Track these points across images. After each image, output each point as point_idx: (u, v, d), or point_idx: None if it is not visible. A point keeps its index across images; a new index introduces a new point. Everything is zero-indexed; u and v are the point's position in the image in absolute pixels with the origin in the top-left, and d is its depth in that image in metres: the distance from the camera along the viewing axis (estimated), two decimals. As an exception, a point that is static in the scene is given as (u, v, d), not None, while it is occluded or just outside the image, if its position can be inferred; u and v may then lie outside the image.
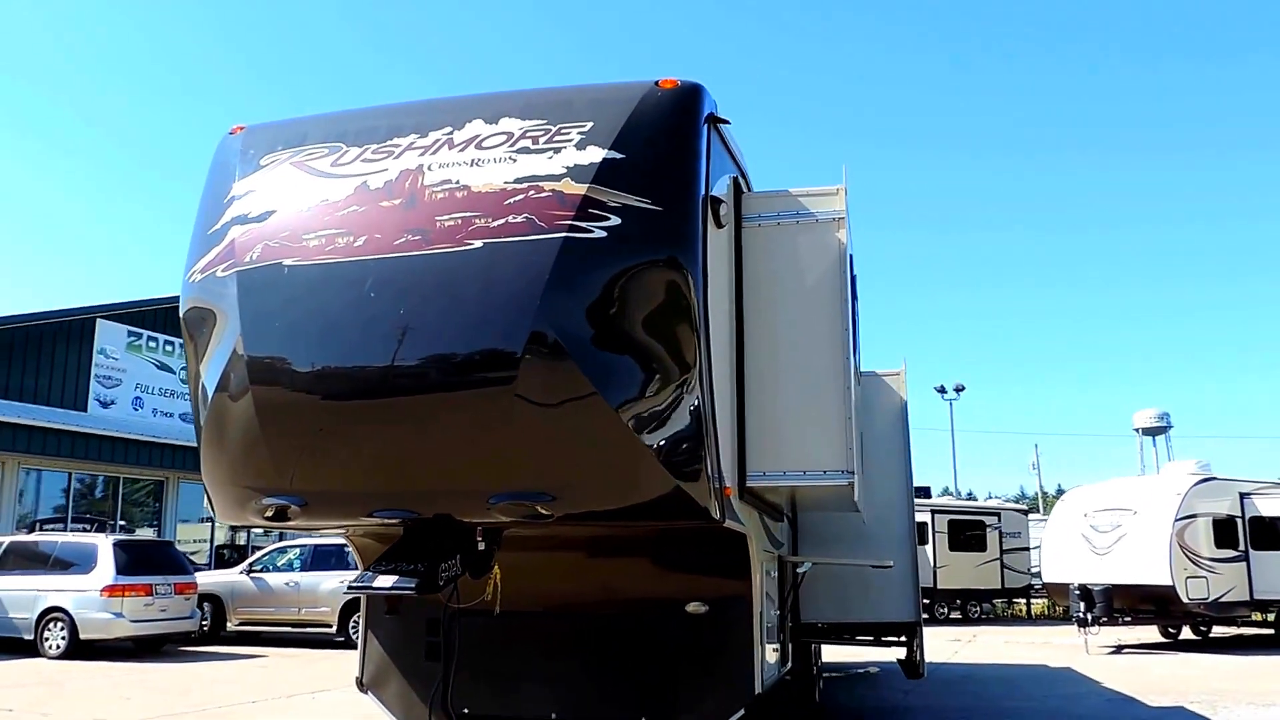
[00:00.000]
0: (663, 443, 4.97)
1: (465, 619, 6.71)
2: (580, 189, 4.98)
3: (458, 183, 5.22)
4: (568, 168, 5.06)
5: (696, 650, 6.31)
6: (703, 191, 5.17)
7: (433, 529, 5.42)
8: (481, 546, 5.58)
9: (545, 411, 4.92)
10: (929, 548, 25.68)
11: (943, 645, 19.70)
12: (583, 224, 4.91)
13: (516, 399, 4.86)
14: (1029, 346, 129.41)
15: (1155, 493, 18.96)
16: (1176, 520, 18.11)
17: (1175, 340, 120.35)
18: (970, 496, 78.45)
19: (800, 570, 7.92)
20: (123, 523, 23.57)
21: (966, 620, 26.60)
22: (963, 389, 42.70)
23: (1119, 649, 18.74)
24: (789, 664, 8.07)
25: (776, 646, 7.19)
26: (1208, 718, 10.60)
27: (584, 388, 4.85)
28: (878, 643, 9.59)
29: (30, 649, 15.61)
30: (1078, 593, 18.06)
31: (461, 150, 5.32)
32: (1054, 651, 18.20)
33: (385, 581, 5.18)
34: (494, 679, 6.67)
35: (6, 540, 17.37)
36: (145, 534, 23.81)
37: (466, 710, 6.64)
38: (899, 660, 9.86)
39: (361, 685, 7.01)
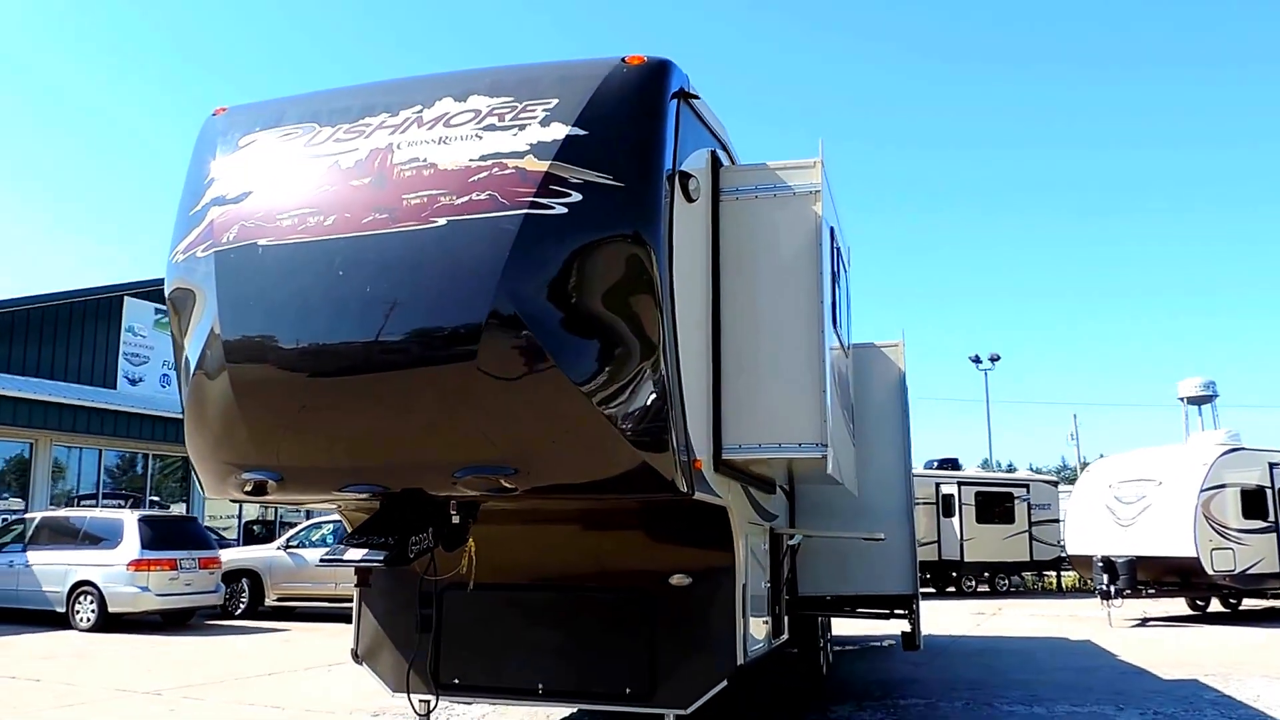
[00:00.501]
0: (626, 416, 5.00)
1: (454, 592, 6.80)
2: (543, 166, 5.01)
3: (424, 161, 5.26)
4: (531, 145, 5.08)
5: (680, 622, 6.35)
6: (669, 167, 5.17)
7: (407, 503, 5.51)
8: (456, 520, 5.65)
9: (507, 386, 4.97)
10: (955, 520, 25.57)
11: (965, 618, 19.68)
12: (544, 200, 4.94)
13: (478, 374, 4.93)
14: (1071, 314, 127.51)
15: (1181, 463, 18.73)
16: (1202, 491, 17.90)
17: (1222, 307, 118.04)
18: (1010, 468, 77.91)
19: (790, 543, 7.92)
20: (155, 499, 24.03)
21: (994, 593, 26.51)
22: (998, 359, 42.36)
23: (1144, 622, 18.62)
24: (784, 636, 8.09)
25: (766, 619, 7.21)
26: (1219, 689, 10.53)
27: (544, 362, 4.90)
28: (877, 615, 9.61)
29: (63, 621, 16.00)
30: (1101, 565, 17.94)
31: (430, 129, 5.36)
32: (1078, 625, 18.11)
33: (355, 554, 5.28)
34: (483, 651, 6.75)
35: (39, 516, 17.78)
36: (178, 510, 24.27)
37: (457, 681, 6.75)
38: (902, 633, 9.86)
39: (356, 657, 7.13)
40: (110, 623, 15.71)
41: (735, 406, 5.89)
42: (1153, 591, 18.64)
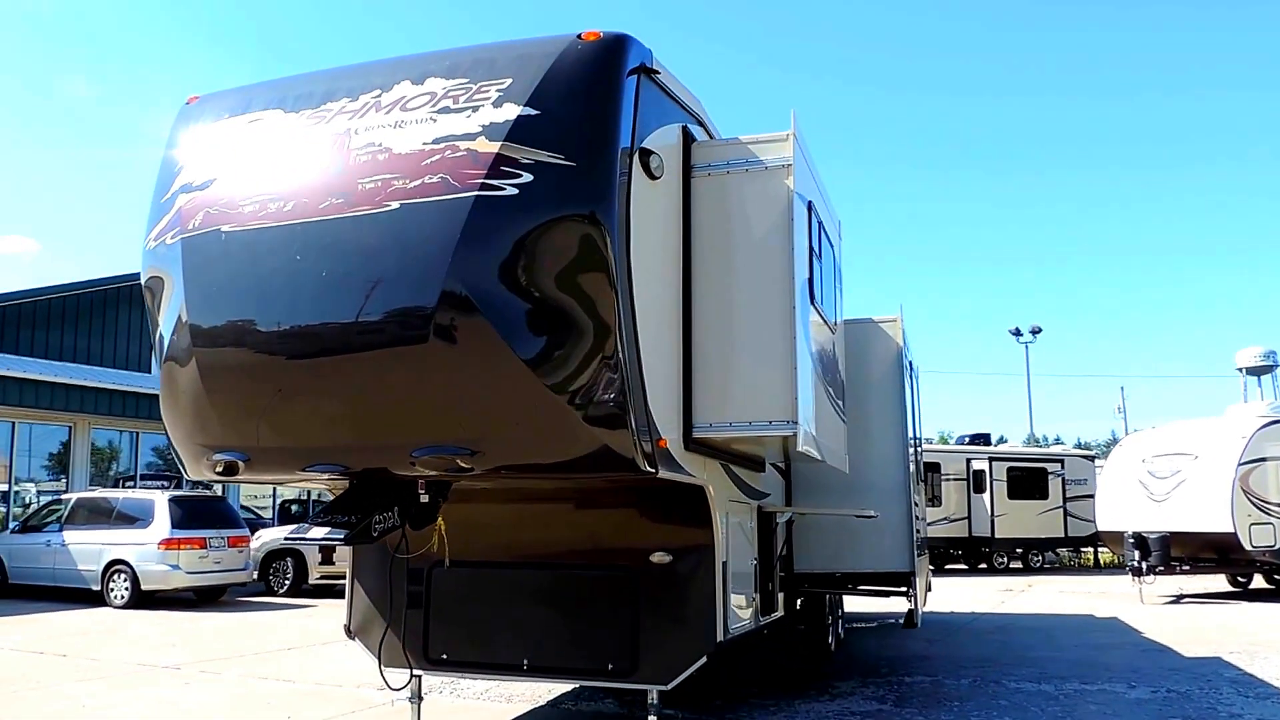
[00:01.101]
0: (580, 397, 4.99)
1: (442, 569, 6.89)
2: (494, 147, 5.00)
3: (380, 145, 5.28)
4: (484, 126, 5.07)
5: (661, 600, 6.37)
6: (625, 144, 5.12)
7: (375, 482, 5.57)
8: (425, 499, 5.70)
9: (460, 367, 4.99)
10: (986, 496, 25.32)
11: (993, 595, 19.52)
12: (495, 182, 4.93)
13: (431, 356, 4.96)
14: (1119, 284, 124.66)
15: (1218, 436, 18.33)
16: (1240, 464, 17.54)
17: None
18: (1058, 443, 76.82)
19: (780, 520, 7.89)
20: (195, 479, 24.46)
21: (1028, 570, 26.25)
22: (1039, 331, 41.70)
23: (1178, 599, 18.33)
24: (777, 613, 8.09)
25: (754, 596, 7.20)
26: (1241, 668, 10.36)
27: (496, 344, 4.90)
28: (875, 593, 9.56)
29: (98, 599, 16.41)
30: (1132, 541, 17.65)
31: (387, 113, 5.37)
32: (1109, 601, 17.88)
33: (318, 532, 5.37)
34: (470, 627, 6.82)
35: (75, 496, 18.22)
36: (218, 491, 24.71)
37: (445, 656, 6.83)
38: (909, 611, 9.80)
39: (349, 632, 7.23)
40: (143, 600, 16.08)
41: (707, 385, 5.86)
42: (1187, 568, 18.31)
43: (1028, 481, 26.19)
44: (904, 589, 8.96)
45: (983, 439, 27.81)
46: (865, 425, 8.81)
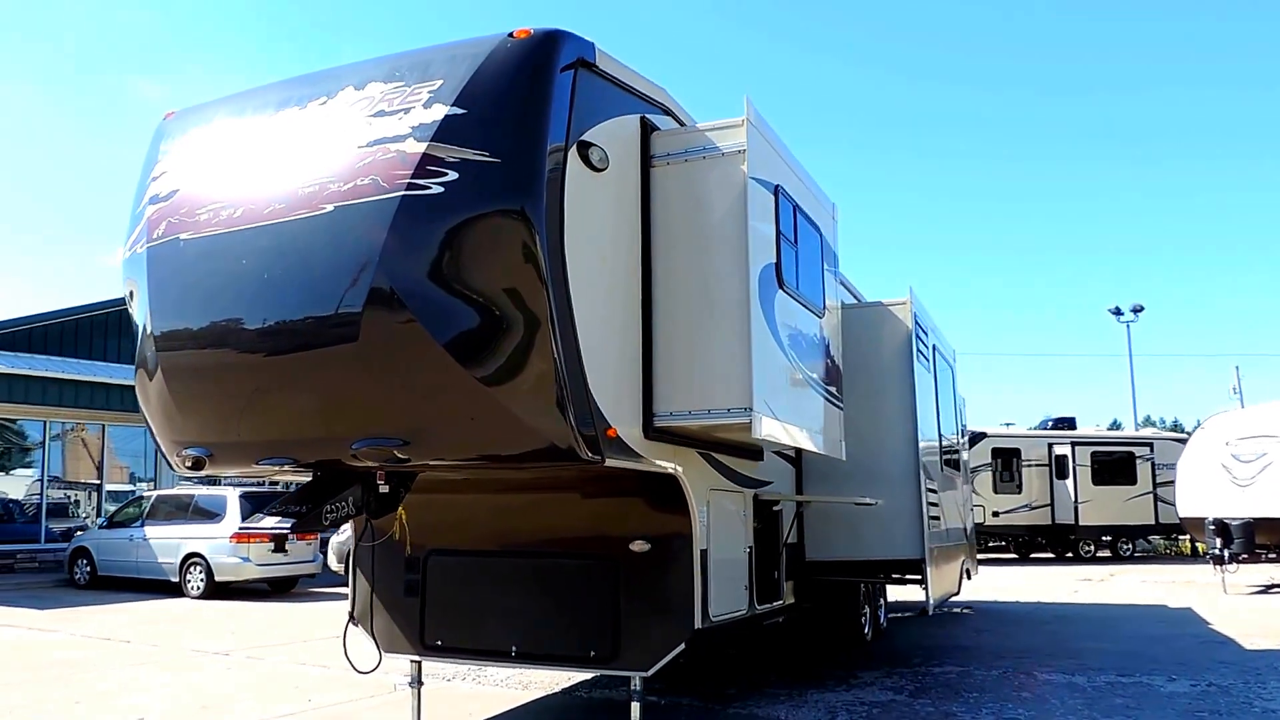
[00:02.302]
0: (511, 390, 5.03)
1: (437, 558, 7.05)
2: (420, 147, 5.06)
3: (319, 150, 5.41)
4: (413, 127, 5.15)
5: (640, 587, 6.40)
6: (558, 139, 5.13)
7: (336, 473, 5.73)
8: (385, 489, 5.83)
9: (392, 364, 5.09)
10: (1069, 482, 24.55)
11: (1069, 584, 19.03)
12: (421, 182, 4.99)
13: (363, 353, 5.06)
14: (1226, 261, 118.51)
15: (1307, 417, 17.44)
16: (1331, 447, 16.64)
17: None
18: (1175, 426, 73.84)
19: (776, 509, 7.81)
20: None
21: (1116, 558, 25.38)
22: (1141, 310, 40.15)
23: (1266, 589, 17.55)
24: (782, 600, 8.02)
25: (745, 583, 7.15)
26: (1303, 661, 9.90)
27: (424, 339, 4.98)
28: (889, 580, 9.42)
29: (176, 590, 17.15)
30: (1213, 528, 16.92)
31: (329, 118, 5.49)
32: (1190, 591, 17.25)
33: (270, 521, 5.54)
34: (462, 615, 6.93)
35: (155, 493, 19.14)
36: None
37: (440, 643, 6.97)
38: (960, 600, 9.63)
39: (353, 619, 7.43)
40: (218, 590, 16.74)
41: (667, 374, 5.84)
42: (1273, 556, 17.49)
43: (1113, 467, 25.32)
44: (915, 576, 8.77)
45: (1067, 423, 26.94)
46: (875, 411, 8.67)
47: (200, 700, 8.29)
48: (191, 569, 16.99)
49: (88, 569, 18.96)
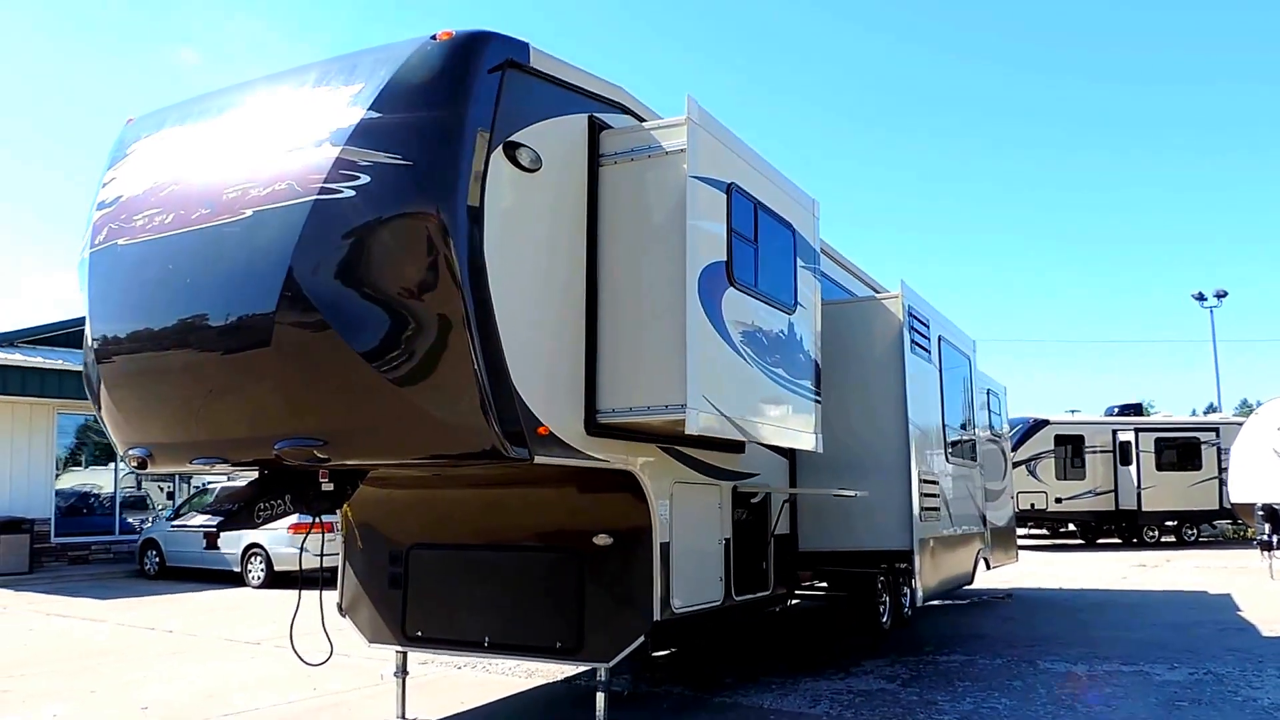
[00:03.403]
0: (428, 391, 5.10)
1: (418, 551, 7.27)
2: (335, 151, 5.15)
3: (245, 155, 5.54)
4: (331, 131, 5.25)
5: (602, 580, 6.52)
6: (477, 141, 5.17)
7: (279, 472, 5.91)
8: (330, 486, 6.01)
9: (305, 366, 5.20)
10: (1132, 469, 24.05)
11: (1122, 570, 18.69)
12: (333, 185, 5.08)
13: (277, 355, 5.17)
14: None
15: (1360, 402, 16.84)
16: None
17: None
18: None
19: (755, 500, 7.85)
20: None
21: (1181, 544, 24.76)
22: (1224, 295, 39.03)
23: (1323, 575, 16.97)
24: (769, 590, 8.08)
25: (718, 575, 7.23)
26: (1325, 650, 9.64)
27: (336, 343, 5.07)
28: (878, 570, 9.43)
29: (240, 580, 17.75)
30: (1262, 513, 16.45)
31: (261, 123, 5.63)
32: (1235, 578, 16.80)
33: (201, 519, 5.77)
34: (440, 606, 7.14)
35: (219, 485, 19.74)
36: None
37: (420, 634, 7.20)
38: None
39: (341, 610, 7.71)
40: (278, 580, 17.25)
41: (611, 371, 5.91)
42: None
43: (1177, 452, 24.79)
44: (904, 566, 8.74)
45: (1134, 409, 26.50)
46: (867, 404, 8.67)
47: (207, 690, 8.62)
48: (252, 559, 17.55)
49: (156, 560, 19.75)
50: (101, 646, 11.20)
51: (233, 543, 17.96)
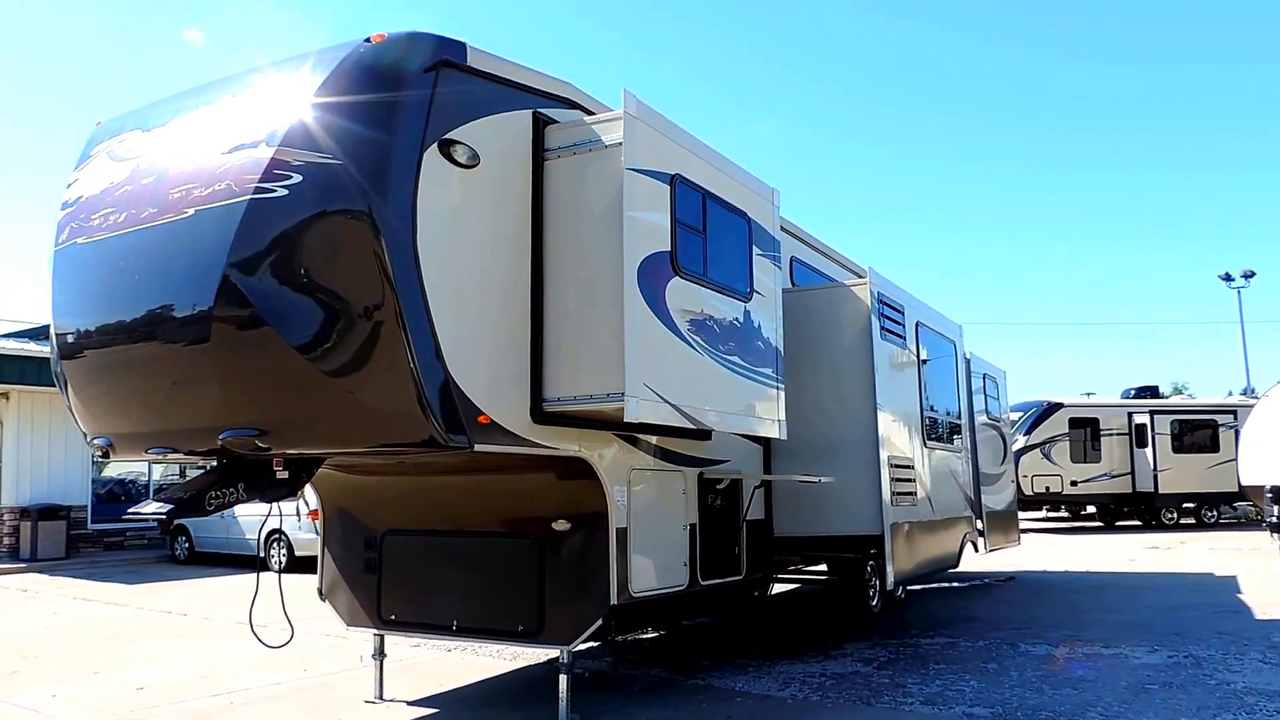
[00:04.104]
0: (363, 383, 5.26)
1: (392, 537, 7.48)
2: (270, 152, 5.33)
3: (190, 156, 5.73)
4: (268, 133, 5.41)
5: (562, 565, 6.67)
6: (411, 139, 5.32)
7: (234, 460, 6.12)
8: (285, 474, 6.21)
9: (242, 360, 5.39)
10: (1148, 451, 23.86)
11: (1131, 552, 18.61)
12: (268, 185, 5.26)
13: (215, 348, 5.37)
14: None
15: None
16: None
17: None
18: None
19: (720, 486, 7.96)
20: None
21: (1200, 526, 24.54)
22: (1252, 275, 38.46)
23: (1329, 557, 16.81)
24: (740, 575, 8.20)
25: (681, 560, 7.33)
26: (1315, 632, 9.61)
27: (269, 335, 5.25)
28: (850, 556, 9.52)
29: (263, 565, 18.20)
30: (1270, 495, 16.30)
31: (206, 125, 5.81)
32: (1250, 559, 16.66)
33: (153, 507, 5.97)
34: (412, 590, 7.33)
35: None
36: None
37: (394, 617, 7.41)
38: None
39: (321, 595, 7.94)
40: (299, 565, 17.63)
41: (555, 361, 6.04)
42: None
43: (1194, 434, 24.56)
44: (875, 551, 8.81)
45: (1150, 391, 26.25)
46: (836, 389, 8.74)
47: (203, 671, 8.91)
48: (275, 545, 18.01)
49: (186, 545, 20.31)
50: (118, 630, 11.56)
51: (255, 528, 18.42)
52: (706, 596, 7.94)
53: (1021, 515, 30.75)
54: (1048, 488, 24.21)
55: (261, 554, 18.17)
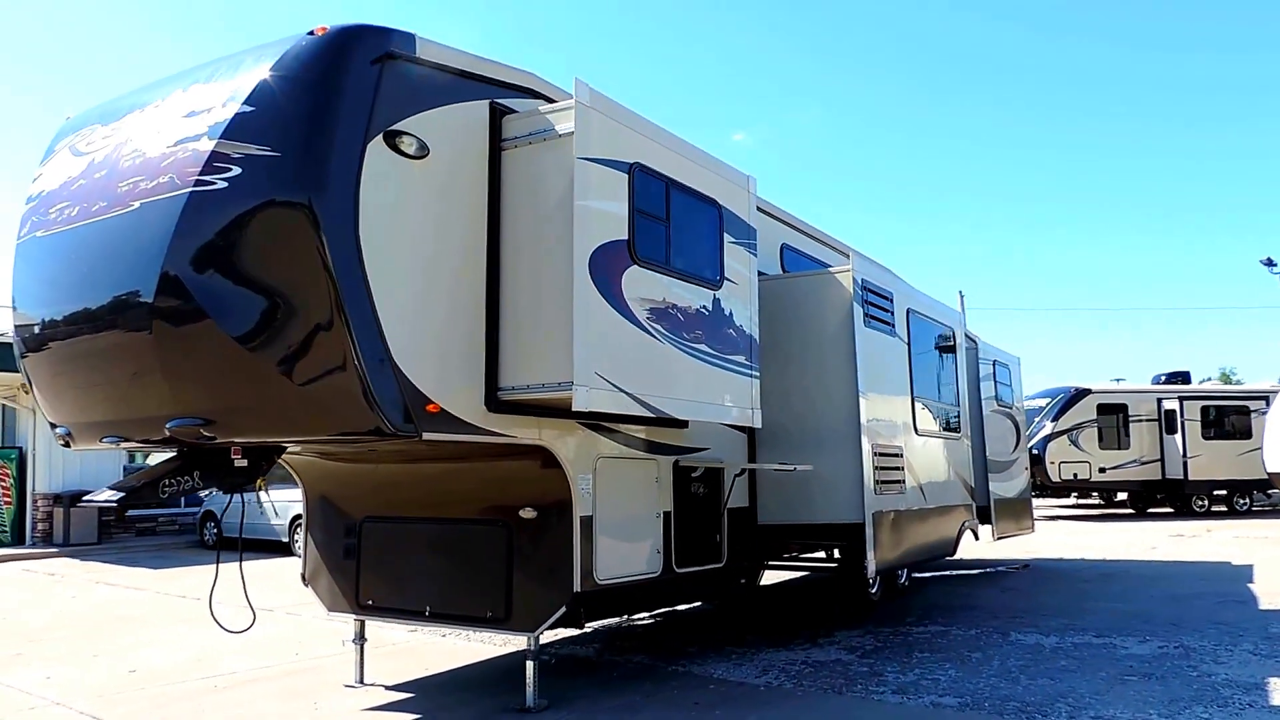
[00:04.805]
0: (305, 374, 5.30)
1: (370, 524, 7.57)
2: (211, 145, 5.38)
3: (138, 151, 5.80)
4: (209, 126, 5.47)
5: (528, 552, 6.71)
6: (354, 130, 5.33)
7: (195, 450, 6.21)
8: (244, 463, 6.29)
9: (184, 351, 5.47)
10: (1177, 437, 23.45)
11: (1154, 540, 18.33)
12: (208, 178, 5.31)
13: (158, 339, 5.45)
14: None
15: None
16: None
17: None
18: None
19: (694, 475, 7.93)
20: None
21: (1232, 513, 24.09)
22: (1292, 260, 37.54)
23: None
24: (720, 563, 8.18)
25: (654, 547, 7.33)
26: (1321, 622, 9.43)
27: (211, 328, 5.33)
28: (833, 544, 9.48)
29: (288, 550, 18.47)
30: (1294, 482, 15.95)
31: (155, 120, 5.88)
32: (1271, 549, 16.31)
33: (107, 494, 6.07)
34: (388, 576, 7.42)
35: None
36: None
37: (371, 603, 7.50)
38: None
39: (304, 580, 8.06)
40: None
41: (511, 350, 6.06)
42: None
43: (1225, 421, 24.11)
44: (859, 540, 8.72)
45: (1181, 377, 25.80)
46: (818, 376, 8.67)
47: (200, 654, 9.08)
48: (299, 530, 18.29)
49: (214, 531, 20.67)
50: (129, 613, 11.81)
51: (280, 513, 18.75)
52: (683, 584, 7.95)
53: (1049, 503, 30.61)
54: (1075, 475, 23.86)
55: (287, 539, 18.52)
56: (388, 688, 7.69)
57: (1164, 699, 6.72)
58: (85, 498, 6.42)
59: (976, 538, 12.19)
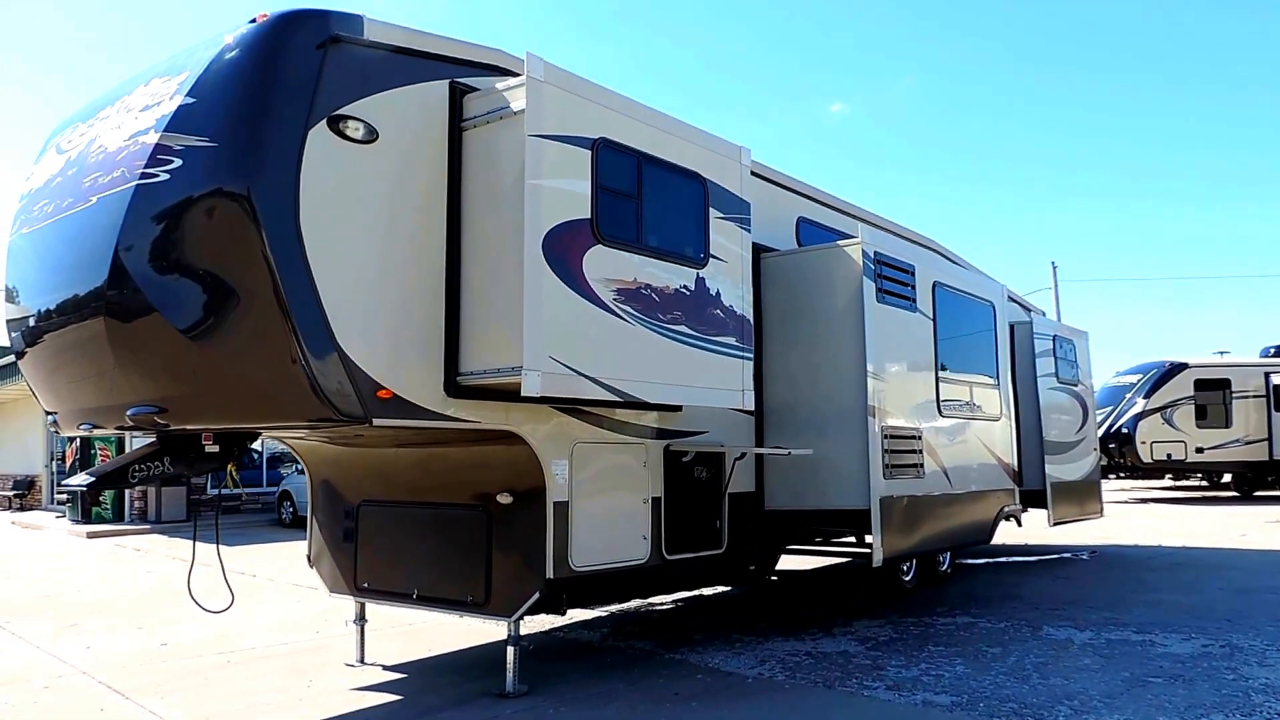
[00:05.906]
0: (248, 362, 5.32)
1: (367, 507, 7.61)
2: (155, 138, 5.42)
3: (101, 147, 5.88)
4: (157, 120, 5.50)
5: (506, 537, 6.65)
6: (293, 117, 5.27)
7: (169, 436, 6.29)
8: (215, 448, 6.34)
9: (134, 340, 5.52)
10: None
11: (1251, 527, 17.29)
12: (152, 170, 5.34)
13: (109, 330, 5.53)
14: None
15: None
16: None
17: None
18: None
19: (686, 459, 7.68)
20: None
21: (1350, 496, 22.61)
22: None
23: None
24: (721, 549, 7.96)
25: (644, 534, 7.16)
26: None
27: (156, 318, 5.38)
28: (842, 530, 9.11)
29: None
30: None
31: (119, 116, 5.92)
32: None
33: (79, 479, 6.19)
34: (381, 559, 7.45)
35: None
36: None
37: (366, 585, 7.55)
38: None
39: (310, 562, 8.16)
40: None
41: (470, 334, 5.95)
42: None
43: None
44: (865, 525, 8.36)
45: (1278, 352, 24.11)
46: (829, 356, 8.31)
47: (227, 630, 9.29)
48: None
49: (290, 510, 21.28)
50: (179, 588, 12.13)
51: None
52: (677, 571, 7.75)
53: (1140, 484, 29.19)
54: (1169, 455, 22.59)
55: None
56: (385, 668, 7.75)
57: (1182, 704, 6.25)
58: (63, 482, 6.65)
59: (1019, 524, 11.65)
